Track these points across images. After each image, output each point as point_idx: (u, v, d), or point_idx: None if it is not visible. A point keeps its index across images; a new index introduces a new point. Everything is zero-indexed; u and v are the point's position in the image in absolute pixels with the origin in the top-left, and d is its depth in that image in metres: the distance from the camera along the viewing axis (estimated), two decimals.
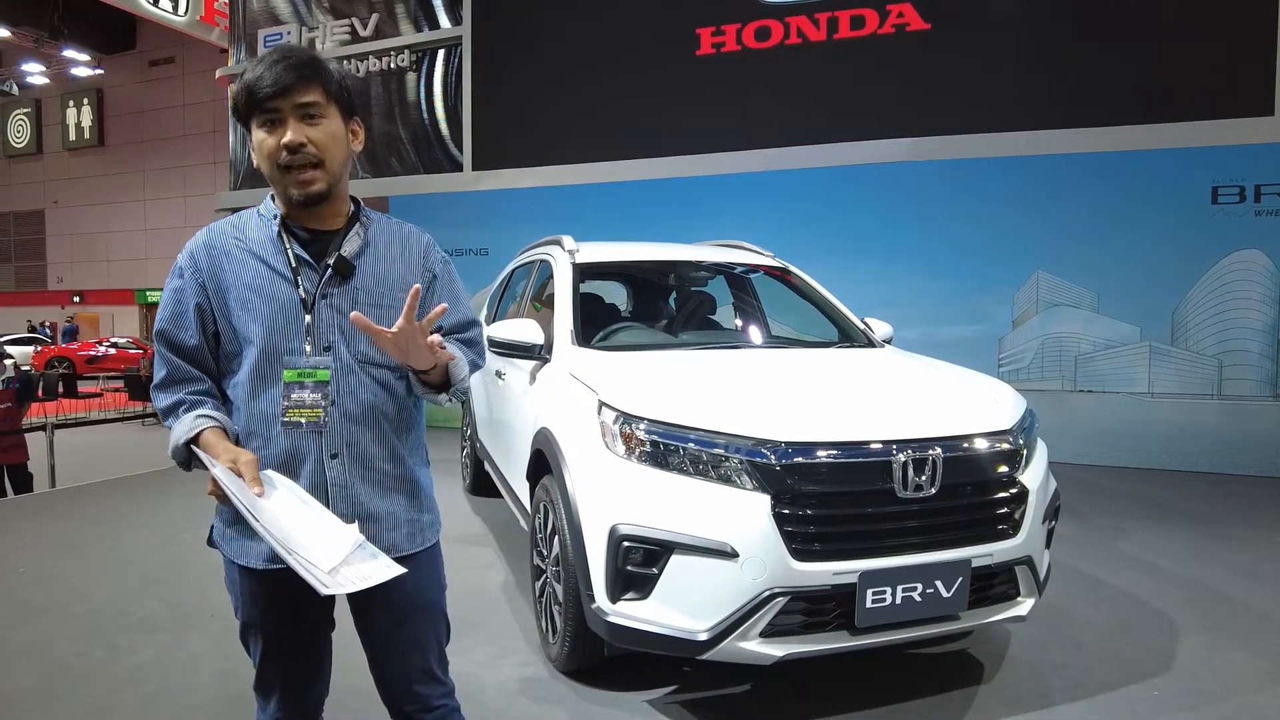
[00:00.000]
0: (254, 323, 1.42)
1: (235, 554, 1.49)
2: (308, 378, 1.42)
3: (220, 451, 1.34)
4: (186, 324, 1.44)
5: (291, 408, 1.41)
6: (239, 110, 1.43)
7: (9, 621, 3.29)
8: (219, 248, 1.46)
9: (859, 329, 3.67)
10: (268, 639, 1.53)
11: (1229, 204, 6.29)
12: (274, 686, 1.57)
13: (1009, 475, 2.50)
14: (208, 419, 1.39)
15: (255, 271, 1.44)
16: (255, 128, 1.41)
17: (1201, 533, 4.58)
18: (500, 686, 2.69)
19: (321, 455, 1.44)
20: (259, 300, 1.43)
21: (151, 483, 6.23)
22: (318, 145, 1.40)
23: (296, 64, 1.39)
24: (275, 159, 1.39)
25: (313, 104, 1.39)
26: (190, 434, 1.37)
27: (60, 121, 29.87)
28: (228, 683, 2.72)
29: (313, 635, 1.57)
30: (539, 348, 3.25)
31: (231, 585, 1.54)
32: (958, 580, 2.34)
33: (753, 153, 7.58)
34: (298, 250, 1.46)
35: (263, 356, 1.43)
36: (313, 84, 1.39)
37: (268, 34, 10.10)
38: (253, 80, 1.38)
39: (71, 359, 20.48)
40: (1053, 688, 2.68)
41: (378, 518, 1.48)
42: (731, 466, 2.30)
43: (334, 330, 1.45)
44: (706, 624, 2.25)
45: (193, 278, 1.44)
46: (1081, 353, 6.71)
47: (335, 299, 1.46)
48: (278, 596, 1.47)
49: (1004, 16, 6.91)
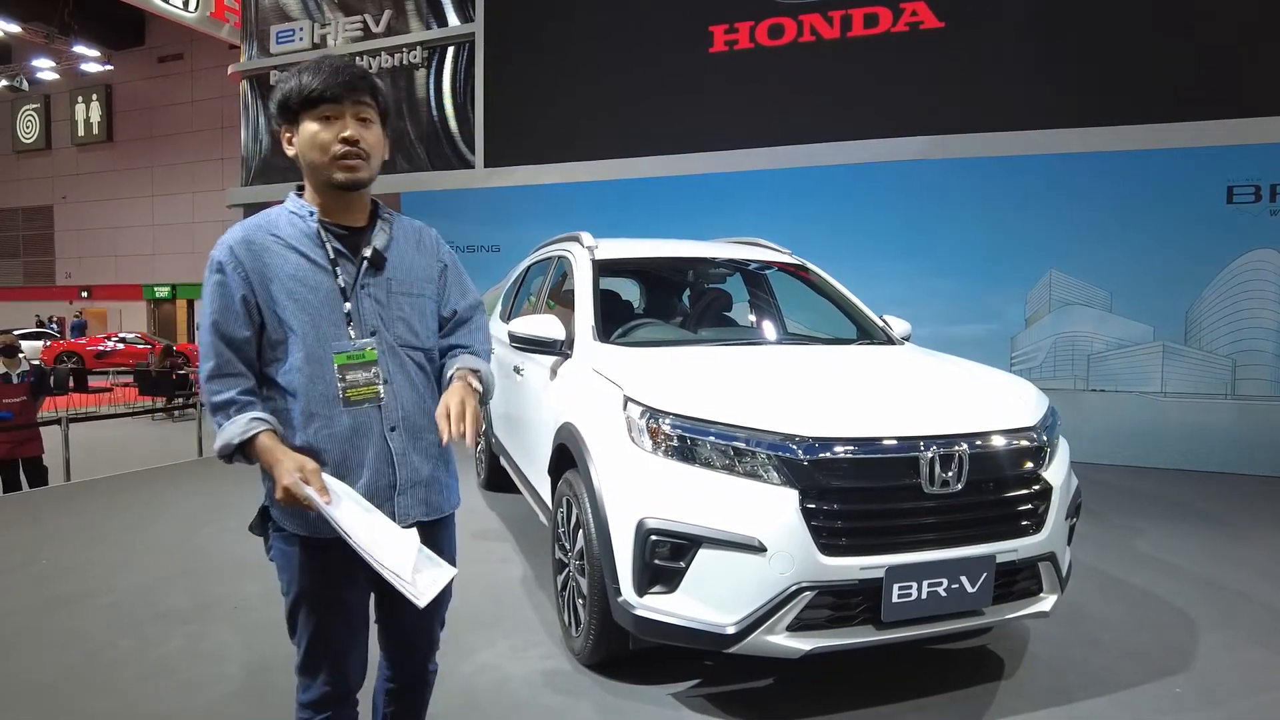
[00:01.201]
0: (301, 312, 1.53)
1: (299, 527, 1.56)
2: (357, 359, 1.55)
3: (282, 456, 1.45)
4: (236, 316, 1.51)
5: (349, 388, 1.54)
6: (290, 105, 1.55)
7: (38, 612, 3.32)
8: (257, 243, 1.55)
9: (878, 326, 3.68)
10: (323, 607, 1.59)
11: (1244, 203, 6.28)
12: (321, 662, 1.61)
13: (1033, 472, 2.51)
14: (261, 423, 1.48)
15: (296, 264, 1.55)
16: (308, 121, 1.54)
17: (1217, 532, 4.59)
18: (525, 679, 2.71)
19: (383, 429, 1.58)
20: (304, 290, 1.54)
21: (167, 476, 6.28)
22: (367, 144, 1.56)
23: (357, 75, 1.57)
24: (328, 149, 1.53)
25: (367, 108, 1.57)
26: (245, 436, 1.47)
27: (69, 117, 29.96)
28: (258, 673, 2.75)
29: (362, 603, 1.65)
30: (560, 343, 3.27)
31: (286, 560, 1.60)
32: (982, 576, 2.36)
33: (765, 150, 7.59)
34: (336, 244, 1.59)
35: (313, 342, 1.54)
36: (369, 93, 1.57)
37: (280, 30, 10.14)
38: (315, 83, 1.53)
39: (80, 354, 20.56)
40: (1073, 684, 2.70)
41: (428, 483, 1.64)
42: (759, 461, 2.31)
43: (374, 316, 1.59)
44: (734, 617, 2.27)
45: (235, 272, 1.52)
46: (1094, 352, 6.71)
47: (371, 288, 1.60)
48: (336, 563, 1.55)
49: (1017, 15, 6.91)
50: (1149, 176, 6.52)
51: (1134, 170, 6.54)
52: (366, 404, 1.55)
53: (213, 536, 4.41)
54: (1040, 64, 6.83)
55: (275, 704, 2.54)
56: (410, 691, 1.80)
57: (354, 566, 1.54)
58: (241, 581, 3.60)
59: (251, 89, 10.43)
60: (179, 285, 28.67)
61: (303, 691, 1.64)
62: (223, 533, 4.48)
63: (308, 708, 1.63)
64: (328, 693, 1.61)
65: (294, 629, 1.63)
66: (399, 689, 1.79)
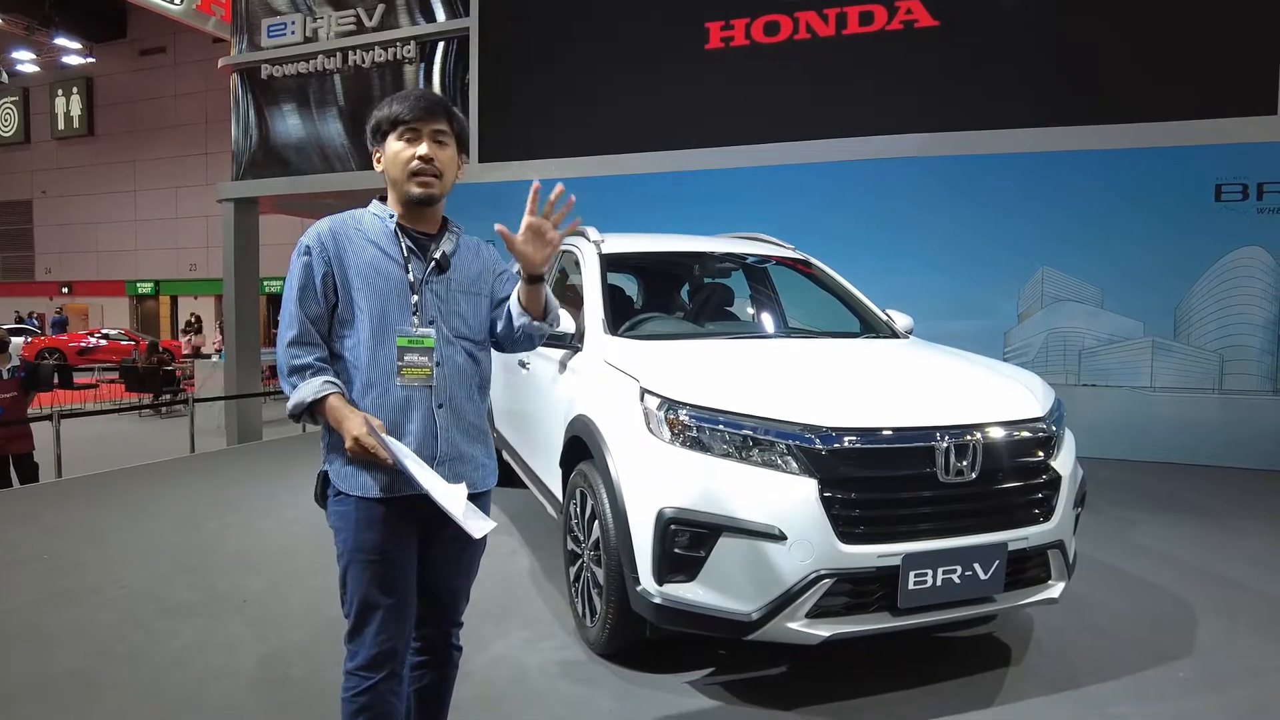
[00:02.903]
0: (372, 295, 1.73)
1: (353, 487, 1.70)
2: (416, 345, 1.74)
3: (350, 414, 1.65)
4: (315, 292, 1.72)
5: (405, 367, 1.73)
6: (381, 129, 1.79)
7: (43, 608, 3.30)
8: (342, 234, 1.77)
9: (882, 320, 3.73)
10: (377, 561, 1.69)
11: (1232, 201, 6.40)
12: (373, 616, 1.68)
13: (1043, 461, 2.56)
14: (333, 385, 1.68)
15: (373, 255, 1.76)
16: (393, 140, 1.77)
17: (1210, 524, 4.68)
18: (541, 669, 2.73)
19: (430, 405, 1.76)
20: (377, 277, 1.74)
21: (161, 473, 6.23)
22: (441, 163, 1.78)
23: (436, 102, 1.79)
24: (408, 165, 1.75)
25: (443, 132, 1.78)
26: (318, 395, 1.67)
27: (49, 110, 29.56)
28: (272, 664, 2.75)
29: (408, 559, 1.75)
30: (571, 337, 3.28)
31: (343, 520, 1.72)
32: (995, 563, 2.41)
33: (760, 147, 7.63)
34: (409, 244, 1.80)
35: (379, 323, 1.73)
36: (445, 118, 1.79)
37: (271, 24, 10.06)
38: (401, 111, 1.75)
39: (62, 350, 20.32)
40: (1080, 670, 2.75)
41: (465, 459, 1.81)
42: (778, 451, 2.34)
43: (434, 309, 1.79)
44: (754, 604, 2.30)
45: (320, 255, 1.73)
46: (1085, 347, 6.81)
47: (435, 285, 1.80)
48: (388, 520, 1.70)
49: (1011, 14, 6.99)
50: (1139, 174, 6.62)
51: (1125, 168, 6.64)
52: (418, 384, 1.73)
53: (215, 532, 4.39)
54: (1034, 62, 6.91)
55: (293, 693, 2.55)
56: (435, 666, 1.88)
57: (406, 525, 1.72)
58: (248, 576, 3.59)
59: (242, 83, 10.33)
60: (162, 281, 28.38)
61: (351, 659, 1.70)
62: (223, 529, 4.46)
63: (356, 674, 1.68)
64: (378, 653, 1.67)
65: (345, 589, 1.71)
66: (425, 660, 1.87)
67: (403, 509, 1.69)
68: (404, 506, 1.69)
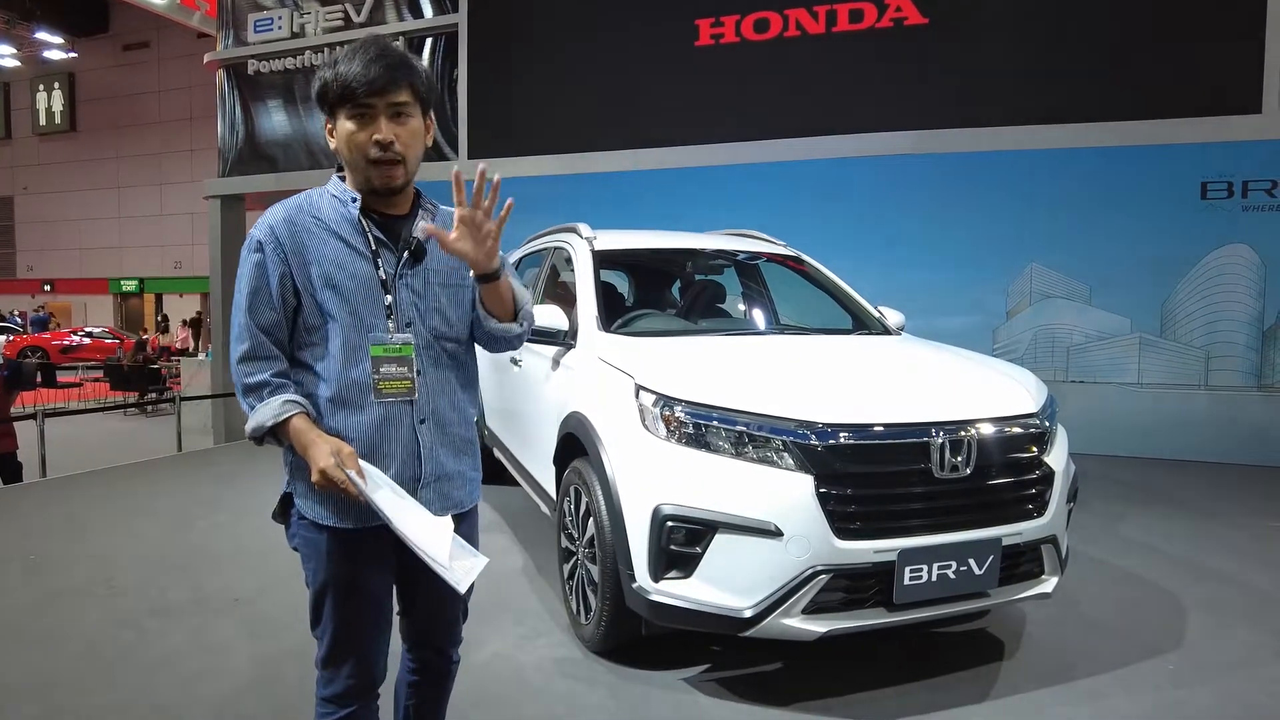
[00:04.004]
0: (340, 299, 1.50)
1: (323, 515, 1.52)
2: (393, 353, 1.51)
3: (317, 439, 1.43)
4: (269, 297, 1.49)
5: (382, 380, 1.50)
6: (327, 99, 1.50)
7: (30, 608, 3.26)
8: (299, 224, 1.51)
9: (874, 317, 3.74)
10: (350, 596, 1.55)
11: (1218, 199, 6.46)
12: (347, 652, 1.56)
13: (1037, 457, 2.58)
14: (295, 405, 1.46)
15: (337, 249, 1.52)
16: (344, 118, 1.50)
17: (1197, 518, 4.72)
18: (537, 667, 2.72)
19: (412, 422, 1.55)
20: (343, 276, 1.50)
21: (148, 471, 6.18)
22: (403, 143, 1.50)
23: (393, 64, 1.47)
24: (364, 151, 1.48)
25: (404, 104, 1.50)
26: (279, 418, 1.45)
27: (30, 105, 29.18)
28: (265, 665, 2.73)
29: (387, 593, 1.62)
30: (564, 334, 3.28)
31: (312, 548, 1.55)
32: (989, 558, 2.42)
33: (750, 144, 7.63)
34: (377, 233, 1.55)
35: (351, 331, 1.51)
36: (405, 85, 1.49)
37: (258, 19, 9.96)
38: (349, 75, 1.46)
39: (45, 349, 20.09)
40: (1073, 663, 2.77)
41: (451, 477, 1.61)
42: (773, 447, 2.34)
43: (410, 308, 1.56)
44: (750, 601, 2.30)
45: (274, 252, 1.49)
46: (1074, 344, 6.85)
47: (410, 279, 1.57)
48: (362, 552, 1.54)
49: (999, 12, 7.01)
50: (1127, 172, 6.67)
51: (1112, 166, 6.69)
52: (397, 399, 1.53)
53: (205, 531, 4.35)
54: (1022, 60, 6.94)
55: (286, 695, 2.53)
56: (432, 684, 1.77)
57: (381, 555, 1.55)
58: (239, 575, 3.56)
59: (228, 78, 10.24)
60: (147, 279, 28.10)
61: (324, 685, 1.58)
62: (214, 527, 4.42)
63: (331, 702, 1.57)
64: (352, 685, 1.56)
65: (317, 620, 1.57)
66: (421, 680, 1.76)
67: (379, 537, 1.50)
68: (380, 535, 1.50)
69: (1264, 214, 6.37)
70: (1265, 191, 6.36)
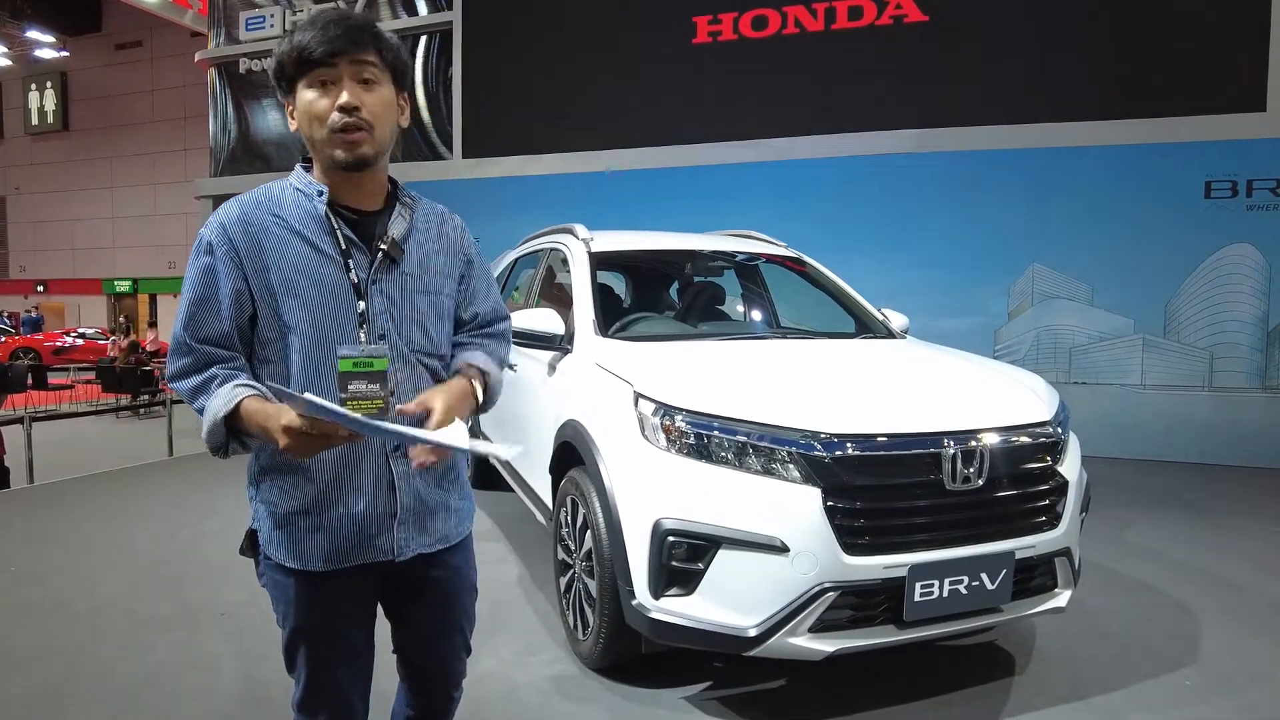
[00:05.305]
0: (301, 308, 1.33)
1: (288, 557, 1.38)
2: (364, 368, 1.24)
3: (272, 410, 1.23)
4: (217, 307, 1.32)
5: (350, 399, 1.22)
6: (285, 72, 1.33)
7: (9, 623, 3.15)
8: (255, 223, 1.33)
9: (878, 319, 3.65)
10: (325, 642, 1.43)
11: (1221, 198, 6.38)
12: (323, 700, 1.45)
13: (1050, 467, 2.49)
14: (247, 388, 1.27)
15: (299, 252, 1.34)
16: (304, 89, 1.32)
17: (1204, 523, 4.65)
18: (533, 685, 2.63)
19: (384, 447, 1.38)
20: (306, 283, 1.33)
21: (138, 477, 6.06)
22: (370, 110, 1.32)
23: (356, 26, 1.32)
24: (326, 119, 1.31)
25: (370, 64, 1.33)
26: (229, 406, 1.25)
27: (22, 105, 28.95)
28: (252, 684, 2.63)
29: (366, 635, 1.50)
30: (560, 338, 3.19)
31: (280, 591, 1.42)
32: (1002, 572, 2.33)
33: (749, 143, 7.55)
34: (348, 232, 1.37)
35: (313, 345, 1.33)
36: (371, 47, 1.33)
37: (249, 17, 9.85)
38: (306, 40, 1.30)
39: (37, 350, 19.93)
40: (1086, 679, 2.68)
41: (433, 510, 1.45)
42: (779, 459, 2.25)
43: (384, 317, 1.37)
44: (755, 619, 2.21)
45: (227, 255, 1.31)
46: (1076, 345, 6.78)
47: (386, 285, 1.38)
48: (336, 595, 1.41)
49: (1000, 10, 6.93)
50: (1130, 172, 6.60)
51: (1115, 165, 6.62)
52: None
53: (191, 540, 4.25)
54: (1024, 59, 6.87)
55: (273, 716, 2.43)
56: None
57: (358, 596, 1.43)
58: (226, 586, 3.46)
59: (220, 77, 10.12)
60: (141, 279, 27.92)
61: None
62: (201, 536, 4.32)
63: None
64: None
65: (292, 664, 1.45)
66: (419, 717, 1.64)
67: (354, 578, 1.39)
68: (355, 576, 1.39)
69: (1268, 213, 6.30)
70: (1270, 190, 6.29)
